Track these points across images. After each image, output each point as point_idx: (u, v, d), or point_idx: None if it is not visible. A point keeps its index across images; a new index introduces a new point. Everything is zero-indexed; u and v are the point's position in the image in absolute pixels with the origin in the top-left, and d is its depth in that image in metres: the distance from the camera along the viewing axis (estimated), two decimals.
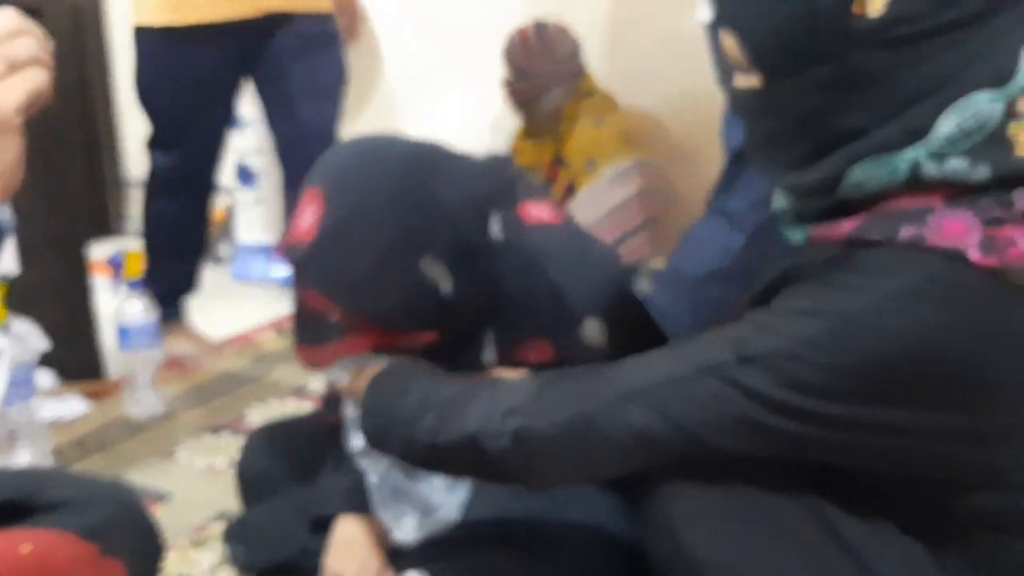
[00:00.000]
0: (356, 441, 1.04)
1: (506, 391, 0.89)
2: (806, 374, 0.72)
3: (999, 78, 0.69)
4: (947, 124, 0.70)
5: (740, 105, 0.83)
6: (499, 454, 0.85)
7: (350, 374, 1.03)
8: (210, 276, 3.05)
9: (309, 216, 0.96)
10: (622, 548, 1.04)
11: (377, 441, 0.96)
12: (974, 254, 0.68)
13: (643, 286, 2.34)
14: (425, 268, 0.96)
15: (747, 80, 0.79)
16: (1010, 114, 0.70)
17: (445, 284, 0.98)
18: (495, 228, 1.04)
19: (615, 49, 2.55)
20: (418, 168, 0.98)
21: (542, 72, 2.34)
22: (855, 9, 0.70)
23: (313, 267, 0.98)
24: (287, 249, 0.99)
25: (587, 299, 1.05)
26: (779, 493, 0.81)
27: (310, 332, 1.02)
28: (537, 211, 1.10)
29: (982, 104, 0.69)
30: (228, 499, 1.42)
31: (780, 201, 0.85)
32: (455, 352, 1.04)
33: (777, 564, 0.79)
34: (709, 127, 2.54)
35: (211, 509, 1.54)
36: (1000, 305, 0.69)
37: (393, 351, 1.02)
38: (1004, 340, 0.70)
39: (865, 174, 0.73)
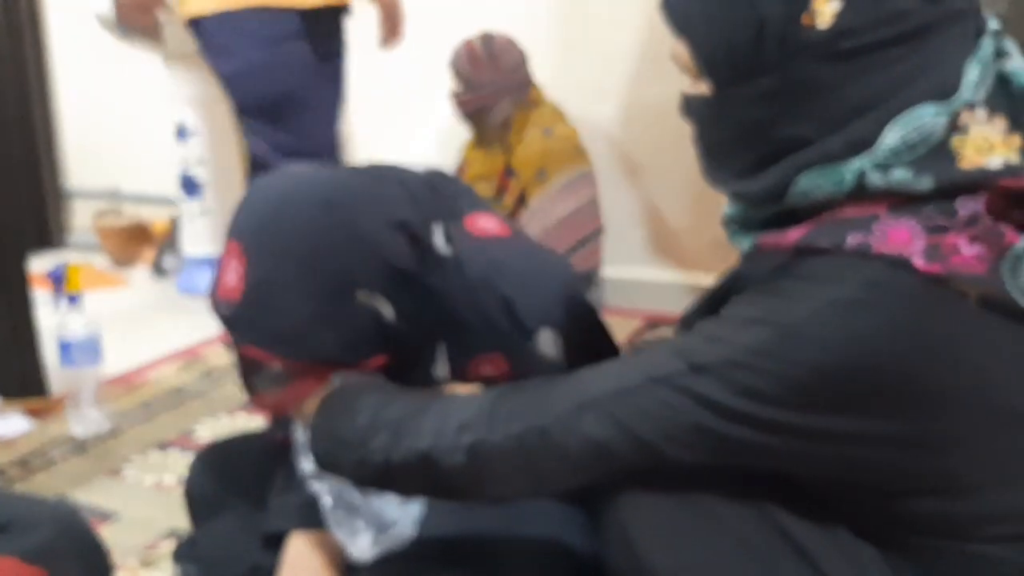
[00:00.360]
0: (306, 464, 1.02)
1: (458, 406, 0.88)
2: (755, 382, 0.73)
3: (943, 92, 0.71)
4: (892, 136, 0.71)
5: (690, 112, 0.84)
6: (454, 470, 0.85)
7: None
8: (155, 289, 3.02)
9: (232, 272, 0.95)
10: (578, 560, 1.04)
11: (328, 463, 0.94)
12: (919, 261, 0.69)
13: (595, 295, 2.37)
14: (361, 301, 0.95)
15: (697, 87, 0.80)
16: (953, 127, 0.71)
17: (386, 311, 0.97)
18: (440, 242, 1.03)
19: (562, 61, 2.57)
20: (334, 204, 0.95)
21: (490, 83, 2.35)
22: (804, 21, 0.71)
23: (243, 326, 0.96)
24: (216, 307, 0.98)
25: (540, 310, 1.04)
26: (733, 500, 0.81)
27: (258, 382, 1.01)
28: (484, 223, 1.10)
29: (926, 117, 0.70)
30: (177, 517, 1.39)
31: (727, 208, 0.85)
32: (406, 369, 1.03)
33: (732, 571, 0.80)
34: (658, 137, 2.59)
35: (160, 528, 1.51)
36: (943, 312, 0.70)
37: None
38: (947, 346, 0.71)
39: (811, 183, 0.74)
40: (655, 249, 2.70)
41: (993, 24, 0.75)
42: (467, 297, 1.01)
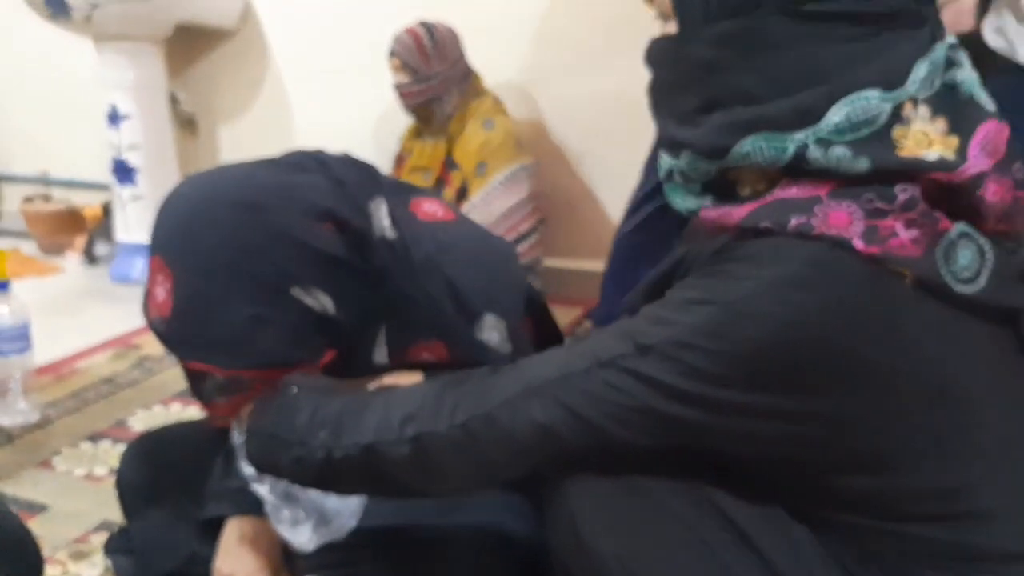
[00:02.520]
0: (246, 467, 1.01)
1: (401, 398, 0.88)
2: (700, 362, 0.74)
3: (890, 81, 0.73)
4: (837, 113, 0.73)
5: (652, 54, 0.85)
6: (399, 462, 0.84)
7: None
8: (86, 277, 2.95)
9: (160, 287, 0.93)
10: (519, 546, 1.05)
11: (265, 464, 0.93)
12: (858, 243, 0.71)
13: (536, 284, 2.38)
14: (297, 298, 0.94)
15: (668, 27, 0.82)
16: (896, 118, 0.73)
17: (326, 303, 0.95)
18: (385, 225, 1.02)
19: (499, 49, 2.57)
20: (247, 204, 0.93)
21: (438, 74, 2.33)
22: None
23: (179, 341, 0.94)
24: (150, 323, 0.96)
25: (485, 294, 1.04)
26: (675, 484, 0.83)
27: (207, 392, 0.99)
28: (430, 207, 1.09)
29: (872, 101, 0.73)
30: (109, 509, 1.37)
31: (666, 162, 0.86)
32: (345, 355, 1.02)
33: (673, 553, 0.81)
34: (597, 128, 2.60)
35: (92, 520, 1.48)
36: (880, 292, 0.72)
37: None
38: (883, 325, 0.73)
39: (754, 147, 0.76)
40: (596, 239, 2.72)
41: (951, 38, 0.77)
42: (412, 279, 1.00)
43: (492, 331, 1.03)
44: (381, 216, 1.01)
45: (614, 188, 2.66)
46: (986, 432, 0.78)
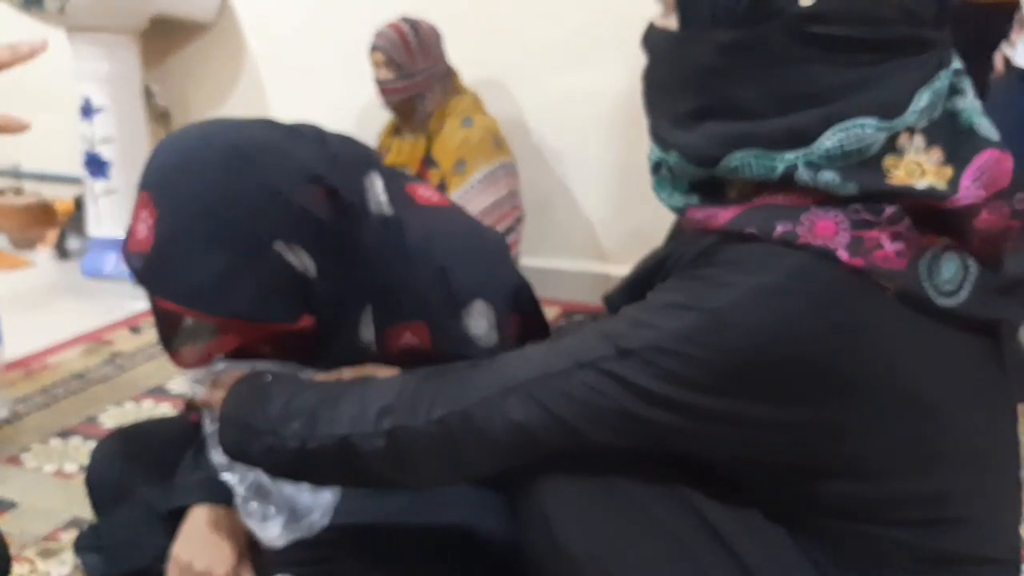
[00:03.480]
0: (217, 456, 0.99)
1: (377, 391, 0.87)
2: (680, 367, 0.74)
3: (889, 111, 0.72)
4: (831, 138, 0.72)
5: (651, 43, 0.84)
6: (374, 455, 0.84)
7: (207, 385, 0.98)
8: (58, 271, 2.91)
9: (143, 223, 0.91)
10: (493, 545, 1.04)
11: (239, 452, 0.92)
12: (843, 253, 0.71)
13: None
14: (279, 254, 0.92)
15: (666, 21, 0.81)
16: (890, 147, 0.73)
17: (307, 264, 0.94)
18: (382, 200, 1.01)
19: (478, 47, 2.56)
20: (243, 154, 0.92)
21: (422, 71, 2.32)
22: None
23: (156, 280, 0.93)
24: (127, 259, 0.94)
25: (475, 281, 1.03)
26: (650, 484, 0.83)
27: (174, 337, 0.98)
28: (426, 192, 1.09)
29: (868, 129, 0.72)
30: (79, 506, 1.35)
31: (655, 154, 0.85)
32: (331, 330, 1.01)
33: (649, 553, 0.81)
34: (577, 127, 2.60)
35: (61, 517, 1.46)
36: (863, 303, 0.73)
37: (270, 341, 0.98)
38: (864, 336, 0.73)
39: (743, 162, 0.75)
40: (573, 239, 2.73)
41: (956, 63, 0.77)
42: (402, 260, 1.00)
43: (480, 318, 1.03)
44: (377, 191, 1.01)
45: (591, 187, 2.66)
46: (962, 440, 0.79)
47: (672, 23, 0.80)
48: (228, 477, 1.00)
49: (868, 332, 0.73)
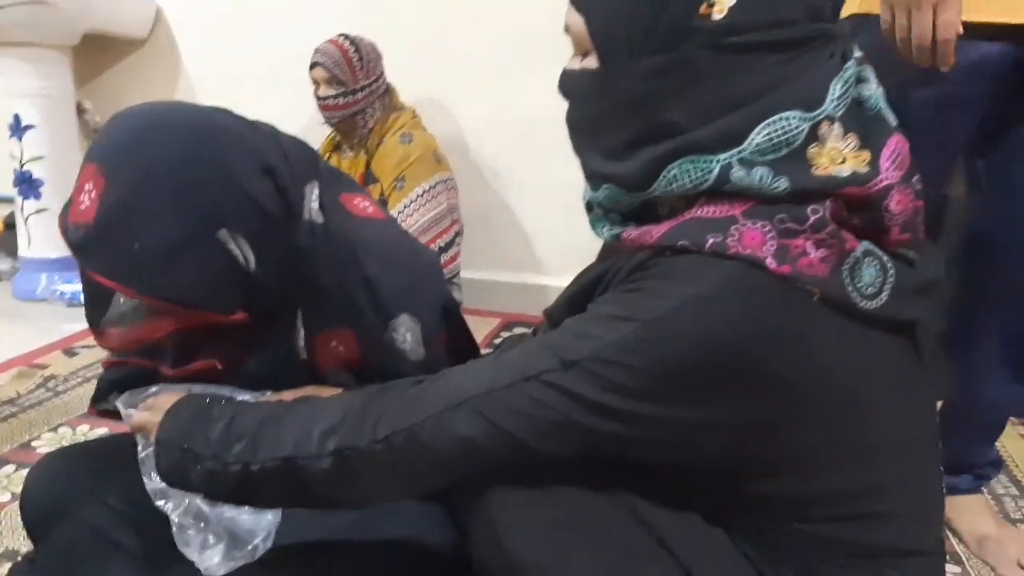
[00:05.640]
0: (150, 484, 0.95)
1: (321, 410, 0.87)
2: (621, 377, 0.76)
3: (809, 103, 0.77)
4: (760, 134, 0.76)
5: (570, 87, 0.86)
6: (319, 476, 0.84)
7: (140, 408, 0.96)
8: None
9: (87, 195, 0.88)
10: (440, 559, 1.05)
11: (177, 478, 0.90)
12: (771, 262, 0.74)
13: (455, 295, 2.38)
14: (223, 241, 0.91)
15: (584, 63, 0.83)
16: (813, 137, 0.77)
17: (248, 257, 0.93)
18: (313, 208, 1.00)
19: (416, 65, 2.58)
20: (202, 135, 0.91)
21: (364, 87, 2.32)
22: (703, 9, 0.76)
23: (95, 251, 0.90)
24: (66, 231, 0.91)
25: (402, 295, 1.04)
26: (595, 492, 0.84)
27: (104, 315, 0.95)
28: (361, 203, 1.09)
29: (793, 122, 0.76)
30: (13, 537, 1.32)
31: (589, 193, 0.88)
32: (269, 335, 1.01)
33: (594, 560, 0.83)
34: (513, 144, 2.63)
35: None
36: (790, 309, 0.76)
37: (203, 329, 0.96)
38: (793, 340, 0.76)
39: (680, 170, 0.78)
40: (511, 252, 2.75)
41: (857, 52, 0.81)
42: (332, 268, 1.00)
43: (406, 332, 1.03)
44: (312, 199, 1.01)
45: (528, 201, 2.69)
46: (886, 437, 0.83)
47: (591, 63, 0.82)
48: (162, 505, 0.96)
49: (797, 336, 0.76)
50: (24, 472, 1.38)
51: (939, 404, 1.30)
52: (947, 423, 1.24)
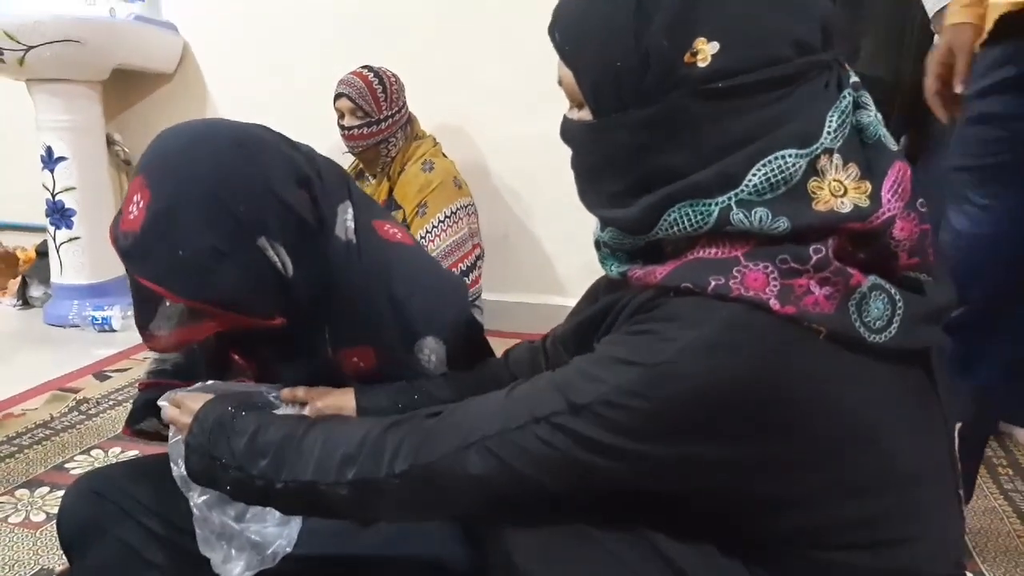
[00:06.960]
0: (175, 469, 0.99)
1: (341, 436, 0.90)
2: (629, 420, 0.77)
3: (805, 138, 0.76)
4: (757, 175, 0.75)
5: (569, 136, 0.87)
6: (338, 501, 0.87)
7: (170, 402, 1.01)
8: (21, 320, 2.90)
9: (135, 205, 0.94)
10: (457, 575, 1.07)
11: (207, 480, 0.95)
12: (774, 304, 0.74)
13: (480, 318, 2.41)
14: (262, 248, 0.95)
15: (580, 114, 0.84)
16: (812, 171, 0.76)
17: (287, 264, 0.98)
18: (349, 227, 1.05)
19: (436, 94, 2.63)
20: (242, 147, 0.96)
21: (388, 117, 2.38)
22: (687, 59, 0.76)
23: (142, 258, 0.95)
24: (116, 240, 0.96)
25: (428, 318, 1.07)
26: (612, 524, 0.85)
27: (151, 318, 1.00)
28: (392, 229, 1.13)
29: (789, 159, 0.75)
30: (48, 556, 1.35)
31: (598, 231, 0.89)
32: (302, 338, 1.05)
33: None
34: (529, 170, 2.67)
35: (28, 568, 1.45)
36: (797, 348, 0.75)
37: (243, 333, 1.00)
38: (801, 379, 0.76)
39: (680, 214, 0.78)
40: (530, 273, 2.78)
41: (853, 77, 0.81)
42: (358, 286, 1.03)
43: (431, 354, 1.07)
44: (347, 219, 1.05)
45: (546, 224, 2.74)
46: (899, 465, 0.82)
47: (586, 115, 0.83)
48: (189, 494, 1.00)
49: (805, 375, 0.75)
50: (58, 493, 1.42)
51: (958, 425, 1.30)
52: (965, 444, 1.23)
